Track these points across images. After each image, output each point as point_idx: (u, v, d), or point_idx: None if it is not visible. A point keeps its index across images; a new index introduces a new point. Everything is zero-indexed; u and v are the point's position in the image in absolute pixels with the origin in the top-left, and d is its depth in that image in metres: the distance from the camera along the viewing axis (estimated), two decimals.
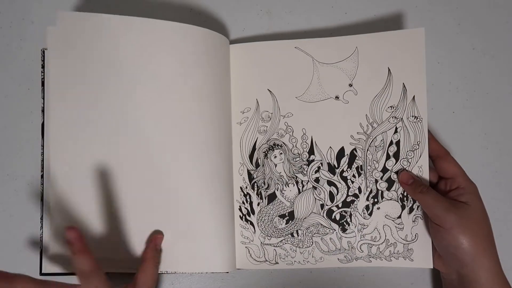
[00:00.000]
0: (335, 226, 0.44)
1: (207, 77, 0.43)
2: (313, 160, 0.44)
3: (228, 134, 0.44)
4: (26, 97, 0.47)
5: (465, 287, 0.39)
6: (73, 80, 0.42)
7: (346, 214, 0.44)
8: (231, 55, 0.45)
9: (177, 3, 0.49)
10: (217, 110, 0.43)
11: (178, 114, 0.42)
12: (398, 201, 0.43)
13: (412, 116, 0.43)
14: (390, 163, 0.43)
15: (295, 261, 0.44)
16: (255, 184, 0.45)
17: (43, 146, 0.43)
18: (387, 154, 0.44)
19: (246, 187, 0.45)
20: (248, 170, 0.45)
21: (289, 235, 0.44)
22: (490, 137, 0.48)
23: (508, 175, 0.47)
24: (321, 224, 0.44)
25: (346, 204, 0.44)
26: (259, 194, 0.45)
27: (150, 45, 0.42)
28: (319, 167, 0.44)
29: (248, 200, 0.45)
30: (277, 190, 0.45)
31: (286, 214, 0.44)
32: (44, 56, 0.43)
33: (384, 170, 0.43)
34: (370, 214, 0.44)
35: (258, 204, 0.45)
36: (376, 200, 0.44)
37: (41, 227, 0.42)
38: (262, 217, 0.45)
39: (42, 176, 0.43)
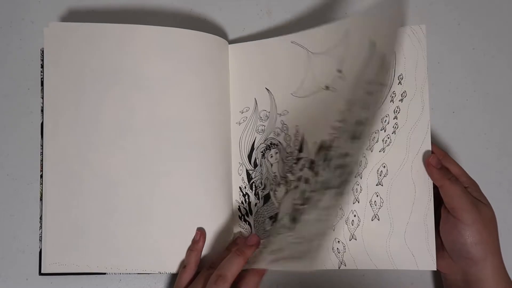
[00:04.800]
0: None
1: (205, 80, 0.43)
2: (301, 158, 0.44)
3: (227, 135, 0.44)
4: (26, 97, 0.47)
5: (470, 286, 0.39)
6: (70, 83, 0.42)
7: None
8: (230, 55, 0.45)
9: (178, 3, 0.49)
10: (216, 112, 0.43)
11: (176, 117, 0.42)
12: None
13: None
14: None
15: None
16: (253, 184, 0.45)
17: (43, 146, 0.43)
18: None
19: (245, 187, 0.45)
20: (247, 170, 0.45)
21: None
22: (490, 137, 0.48)
23: (508, 175, 0.47)
24: None
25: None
26: (256, 195, 0.45)
27: (146, 50, 0.42)
28: (303, 165, 0.43)
29: (247, 200, 0.45)
30: (271, 191, 0.44)
31: (274, 216, 0.44)
32: (43, 56, 0.43)
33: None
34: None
35: (255, 204, 0.44)
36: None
37: (41, 227, 0.42)
38: (258, 218, 0.44)
39: (42, 176, 0.43)
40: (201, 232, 0.41)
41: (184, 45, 0.42)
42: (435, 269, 0.42)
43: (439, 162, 0.41)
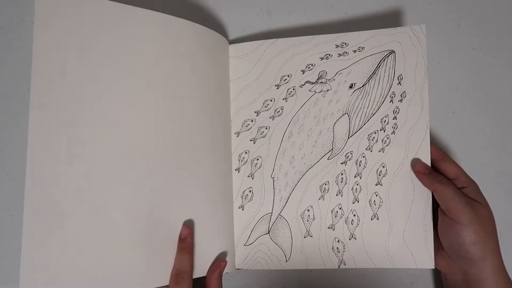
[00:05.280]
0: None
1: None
2: None
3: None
4: (26, 97, 0.47)
5: (470, 286, 0.39)
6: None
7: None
8: (230, 54, 0.45)
9: (177, 2, 0.49)
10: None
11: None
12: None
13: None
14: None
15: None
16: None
17: None
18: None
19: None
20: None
21: None
22: (490, 137, 0.48)
23: (508, 175, 0.47)
24: None
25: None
26: None
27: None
28: None
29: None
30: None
31: None
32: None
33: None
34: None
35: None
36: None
37: None
38: None
39: None
40: (188, 227, 0.39)
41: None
42: (433, 267, 0.42)
43: (426, 167, 0.41)
